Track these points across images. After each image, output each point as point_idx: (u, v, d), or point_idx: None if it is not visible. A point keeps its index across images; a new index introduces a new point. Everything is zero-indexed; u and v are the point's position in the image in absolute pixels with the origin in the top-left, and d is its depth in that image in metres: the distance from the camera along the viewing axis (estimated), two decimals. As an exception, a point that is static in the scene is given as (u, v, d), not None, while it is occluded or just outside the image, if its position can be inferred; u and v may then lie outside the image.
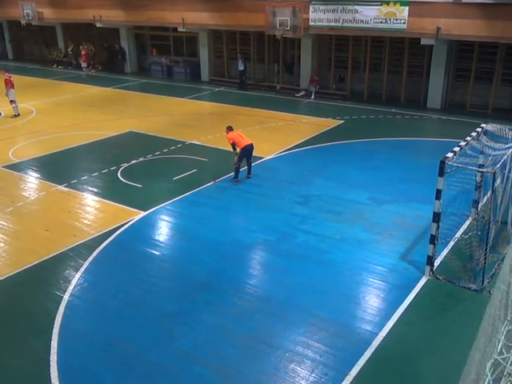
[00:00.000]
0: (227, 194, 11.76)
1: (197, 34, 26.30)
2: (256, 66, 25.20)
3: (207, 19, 24.24)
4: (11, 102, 18.71)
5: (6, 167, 13.57)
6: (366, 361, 6.40)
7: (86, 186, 12.21)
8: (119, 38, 29.45)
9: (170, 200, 11.36)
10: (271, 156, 14.31)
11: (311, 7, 20.66)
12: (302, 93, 22.73)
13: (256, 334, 6.94)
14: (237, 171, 12.38)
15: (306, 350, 6.61)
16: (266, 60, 24.79)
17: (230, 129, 12.61)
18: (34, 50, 34.42)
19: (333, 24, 20.36)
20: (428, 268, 8.21)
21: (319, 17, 20.60)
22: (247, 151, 12.33)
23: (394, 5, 18.74)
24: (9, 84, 18.64)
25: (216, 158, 14.25)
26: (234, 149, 12.30)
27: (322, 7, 20.40)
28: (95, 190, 12.03)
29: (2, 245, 9.47)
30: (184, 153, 14.59)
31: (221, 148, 14.95)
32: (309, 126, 17.56)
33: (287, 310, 7.47)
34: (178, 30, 25.55)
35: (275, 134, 16.63)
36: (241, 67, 23.80)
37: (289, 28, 21.27)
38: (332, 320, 7.22)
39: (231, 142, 12.32)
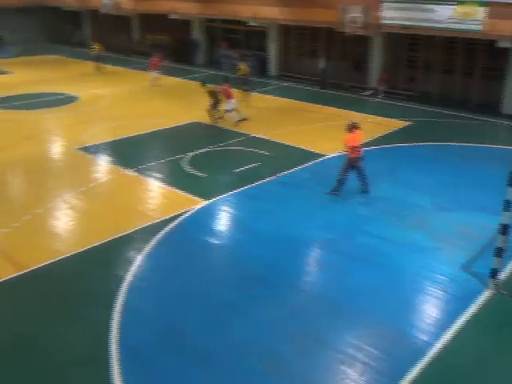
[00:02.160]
0: (288, 190, 11.79)
1: (267, 29, 26.40)
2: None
3: (278, 14, 24.27)
4: (226, 111, 16.97)
5: (81, 149, 14.28)
6: (420, 371, 6.25)
7: (152, 172, 12.63)
8: (192, 30, 30.06)
9: (232, 191, 11.54)
10: (334, 154, 14.18)
11: (383, 5, 20.21)
12: (370, 91, 22.33)
13: (309, 331, 6.96)
14: (340, 183, 11.18)
15: (358, 353, 6.56)
16: (334, 57, 24.52)
17: (353, 127, 11.11)
18: (112, 40, 35.75)
19: (405, 22, 19.82)
20: (491, 281, 7.89)
21: (391, 15, 20.12)
22: (356, 161, 11.01)
23: (471, 5, 17.99)
24: (226, 94, 16.77)
25: (279, 153, 14.30)
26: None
27: (394, 5, 19.91)
28: (161, 176, 12.42)
29: (73, 223, 10.00)
30: (247, 146, 14.75)
31: (284, 143, 15.01)
32: (374, 125, 17.23)
33: (342, 310, 7.43)
34: (249, 23, 25.75)
35: (339, 132, 16.38)
36: (322, 65, 23.60)
37: (360, 25, 20.93)
38: (387, 325, 7.11)
39: (350, 144, 10.90)
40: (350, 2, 21.04)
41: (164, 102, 20.50)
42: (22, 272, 8.26)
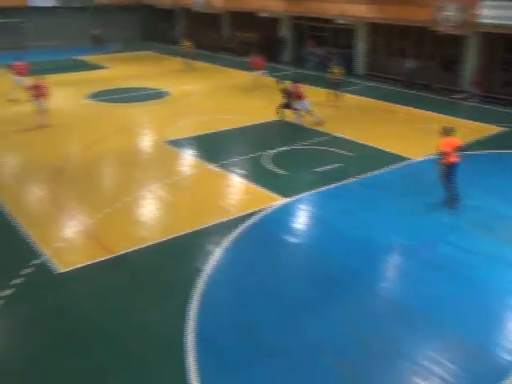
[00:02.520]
0: (370, 192, 11.56)
1: (354, 27, 25.96)
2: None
3: (367, 12, 23.79)
4: (295, 109, 16.86)
5: (168, 143, 14.89)
6: (503, 392, 5.93)
7: (234, 168, 12.90)
8: (279, 27, 30.25)
9: (313, 190, 11.51)
10: (420, 158, 13.70)
11: (482, 3, 19.14)
12: (463, 94, 21.27)
13: (384, 338, 6.81)
14: (450, 194, 10.52)
15: (435, 367, 6.31)
16: (424, 57, 23.61)
17: (448, 132, 10.50)
18: (202, 37, 36.83)
19: (505, 22, 18.65)
20: None
21: (490, 14, 19.02)
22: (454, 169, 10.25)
23: None
24: (297, 94, 16.68)
25: (362, 154, 14.05)
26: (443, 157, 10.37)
27: (494, 3, 18.81)
28: (243, 172, 12.65)
29: (158, 213, 10.46)
30: (330, 145, 14.62)
31: (368, 144, 14.72)
32: (466, 130, 16.38)
33: (421, 320, 7.19)
34: (336, 21, 25.45)
35: (427, 135, 15.81)
36: (410, 65, 22.89)
37: (455, 24, 19.98)
38: (468, 340, 6.78)
39: (442, 150, 10.26)
40: (446, -1, 20.18)
41: (249, 99, 20.81)
42: (110, 256, 8.78)
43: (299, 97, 16.63)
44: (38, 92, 15.67)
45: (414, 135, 15.76)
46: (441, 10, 20.27)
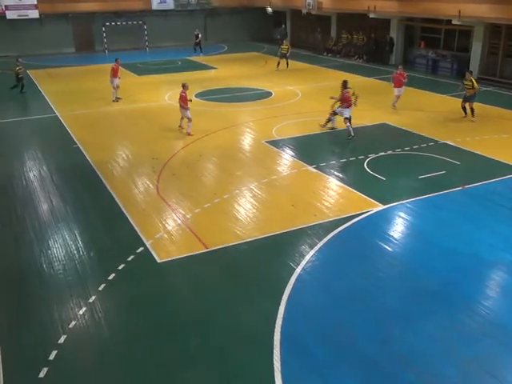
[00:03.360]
0: (476, 204, 10.89)
1: (471, 28, 24.50)
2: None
3: (487, 11, 22.30)
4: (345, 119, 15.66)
5: (269, 142, 15.15)
6: None
7: (332, 171, 12.80)
8: (389, 28, 29.45)
9: (412, 198, 11.09)
10: (537, 170, 12.63)
11: None
12: None
13: (481, 360, 6.39)
14: None
15: (537, 396, 5.83)
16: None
17: None
18: (308, 38, 36.96)
19: None
20: None
21: None
22: None
23: None
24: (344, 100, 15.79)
25: (470, 163, 13.27)
26: None
27: None
28: (340, 175, 12.51)
29: (254, 211, 10.70)
30: (434, 152, 13.97)
31: (477, 152, 13.87)
32: None
33: (524, 345, 6.66)
34: (452, 22, 24.19)
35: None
36: None
37: None
38: None
39: None
40: None
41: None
42: (208, 250, 9.15)
43: (343, 102, 15.56)
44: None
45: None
46: None
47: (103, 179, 12.50)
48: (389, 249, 9.13)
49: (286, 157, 14.10)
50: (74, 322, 7.22)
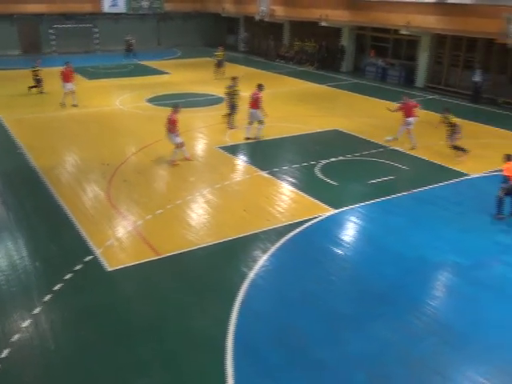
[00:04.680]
0: (422, 208, 11.24)
1: (419, 38, 25.40)
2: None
3: (434, 23, 23.20)
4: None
5: (221, 148, 15.12)
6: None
7: (285, 176, 12.91)
8: (340, 36, 30.10)
9: (362, 203, 11.33)
10: (478, 174, 13.19)
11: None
12: (529, 110, 20.31)
13: (428, 359, 6.58)
14: (499, 205, 10.60)
15: (480, 392, 6.05)
16: (491, 70, 22.75)
17: (509, 158, 10.66)
18: (261, 44, 37.25)
19: None
20: None
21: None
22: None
23: None
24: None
25: (417, 168, 13.70)
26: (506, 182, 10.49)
27: None
28: (293, 180, 12.63)
29: (207, 216, 10.62)
30: (384, 158, 14.35)
31: (424, 158, 14.34)
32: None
33: (468, 342, 6.90)
34: (400, 32, 25.01)
35: (487, 151, 15.24)
36: (477, 78, 22.06)
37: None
38: (519, 368, 6.44)
39: (506, 174, 10.49)
40: (516, 11, 19.37)
41: (305, 107, 20.78)
42: (159, 256, 9.00)
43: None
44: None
45: (475, 150, 15.16)
46: (510, 22, 19.45)
47: (50, 186, 12.09)
48: (340, 253, 9.28)
49: (239, 162, 14.11)
50: (17, 335, 6.93)
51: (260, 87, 15.56)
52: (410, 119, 15.10)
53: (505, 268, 8.74)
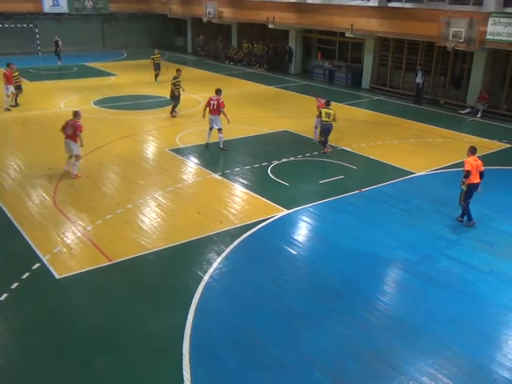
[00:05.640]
0: (372, 206, 11.54)
1: (363, 40, 26.11)
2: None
3: (376, 26, 23.91)
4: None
5: (172, 150, 14.95)
6: (500, 410, 5.86)
7: (237, 178, 12.92)
8: (288, 39, 30.46)
9: (314, 203, 11.51)
10: (423, 172, 13.69)
11: (491, 20, 19.19)
12: (468, 110, 21.29)
13: (381, 353, 6.76)
14: (466, 211, 10.44)
15: (432, 383, 6.26)
16: (432, 72, 23.70)
17: (472, 151, 10.47)
18: (210, 46, 37.14)
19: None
20: None
21: (499, 30, 19.05)
22: (473, 189, 10.29)
23: None
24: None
25: (366, 167, 14.05)
26: (466, 177, 10.18)
27: (503, 20, 18.84)
28: (245, 182, 12.66)
29: (159, 220, 10.47)
30: (333, 158, 14.63)
31: (372, 157, 14.73)
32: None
33: (418, 335, 7.13)
34: (345, 35, 25.61)
35: (431, 150, 15.85)
36: (419, 80, 22.82)
37: (462, 40, 20.04)
38: (466, 357, 6.72)
39: (467, 169, 10.14)
40: (454, 15, 20.24)
41: (255, 109, 20.89)
42: (111, 262, 8.78)
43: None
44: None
45: (419, 150, 15.77)
46: (448, 26, 20.33)
47: (-8, 192, 11.57)
48: (294, 252, 9.38)
49: (191, 165, 14.00)
50: (-40, 350, 6.58)
51: (219, 92, 15.16)
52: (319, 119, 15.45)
53: (450, 262, 9.10)
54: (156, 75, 26.15)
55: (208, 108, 14.94)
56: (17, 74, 19.49)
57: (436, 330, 7.26)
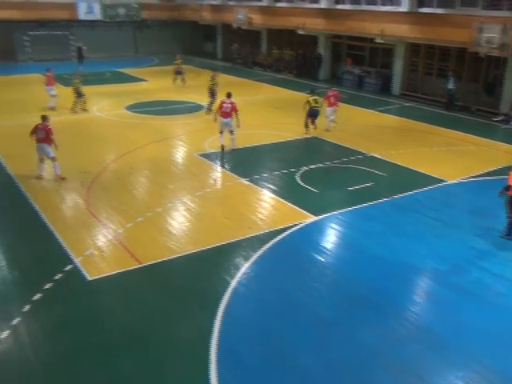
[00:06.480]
0: (401, 214, 11.40)
1: (393, 46, 25.88)
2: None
3: (407, 32, 23.68)
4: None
5: (201, 155, 15.09)
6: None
7: (265, 183, 12.95)
8: (317, 45, 30.43)
9: (343, 209, 11.44)
10: (454, 181, 13.46)
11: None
12: (501, 117, 20.84)
13: (410, 364, 6.66)
14: (510, 226, 10.10)
15: (462, 395, 6.15)
16: (465, 78, 23.30)
17: None
18: (240, 52, 37.36)
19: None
20: None
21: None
22: None
23: None
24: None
25: (395, 174, 13.90)
26: (507, 189, 9.85)
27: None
28: (274, 188, 12.67)
29: (188, 224, 10.58)
30: (363, 164, 14.52)
31: (402, 164, 14.56)
32: (504, 154, 16.04)
33: (448, 347, 7.00)
34: (375, 40, 25.44)
35: (463, 158, 15.58)
36: (450, 86, 22.48)
37: (495, 46, 19.66)
38: (499, 372, 6.55)
39: (510, 183, 9.81)
40: (487, 20, 19.89)
41: (283, 115, 20.92)
42: (141, 265, 8.92)
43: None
44: None
45: (451, 157, 15.51)
46: (481, 32, 19.98)
47: (27, 194, 11.89)
48: (322, 259, 9.34)
49: (220, 170, 14.10)
50: (-5, 347, 6.78)
51: (230, 95, 15.51)
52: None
53: (482, 273, 8.91)
54: (176, 79, 27.08)
55: (220, 111, 15.21)
56: (78, 81, 20.26)
57: (466, 342, 7.12)
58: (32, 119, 18.78)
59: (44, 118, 13.05)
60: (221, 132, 15.46)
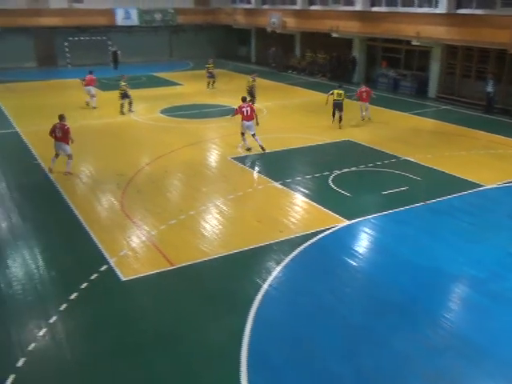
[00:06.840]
0: (437, 219, 11.17)
1: (430, 48, 25.41)
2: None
3: (444, 33, 23.19)
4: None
5: (234, 159, 15.18)
6: None
7: (298, 187, 12.91)
8: (352, 47, 30.18)
9: (376, 214, 11.29)
10: (494, 185, 13.09)
11: None
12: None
13: (445, 373, 6.50)
14: None
15: (499, 407, 5.97)
16: (505, 81, 22.65)
17: None
18: (275, 56, 37.39)
19: None
20: None
21: None
22: None
23: None
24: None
25: (430, 179, 13.63)
26: None
27: None
28: (306, 191, 12.62)
29: (220, 227, 10.65)
30: (397, 168, 14.30)
31: (438, 168, 14.27)
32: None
33: (485, 357, 6.80)
34: (411, 43, 25.04)
35: (502, 161, 15.14)
36: (490, 89, 21.87)
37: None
38: (538, 382, 6.34)
39: None
40: (528, 21, 19.32)
41: (316, 118, 20.80)
42: (173, 267, 9.03)
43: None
44: None
45: (489, 161, 15.10)
46: (522, 33, 19.40)
47: (65, 196, 12.22)
48: (354, 264, 9.24)
49: (252, 173, 14.15)
50: (33, 344, 6.98)
51: (245, 99, 16.06)
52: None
53: (521, 280, 8.64)
54: (209, 83, 27.64)
55: (241, 115, 15.48)
56: (124, 83, 21.05)
57: (503, 351, 6.90)
58: (69, 123, 19.33)
59: (61, 117, 13.64)
60: (242, 134, 15.77)
